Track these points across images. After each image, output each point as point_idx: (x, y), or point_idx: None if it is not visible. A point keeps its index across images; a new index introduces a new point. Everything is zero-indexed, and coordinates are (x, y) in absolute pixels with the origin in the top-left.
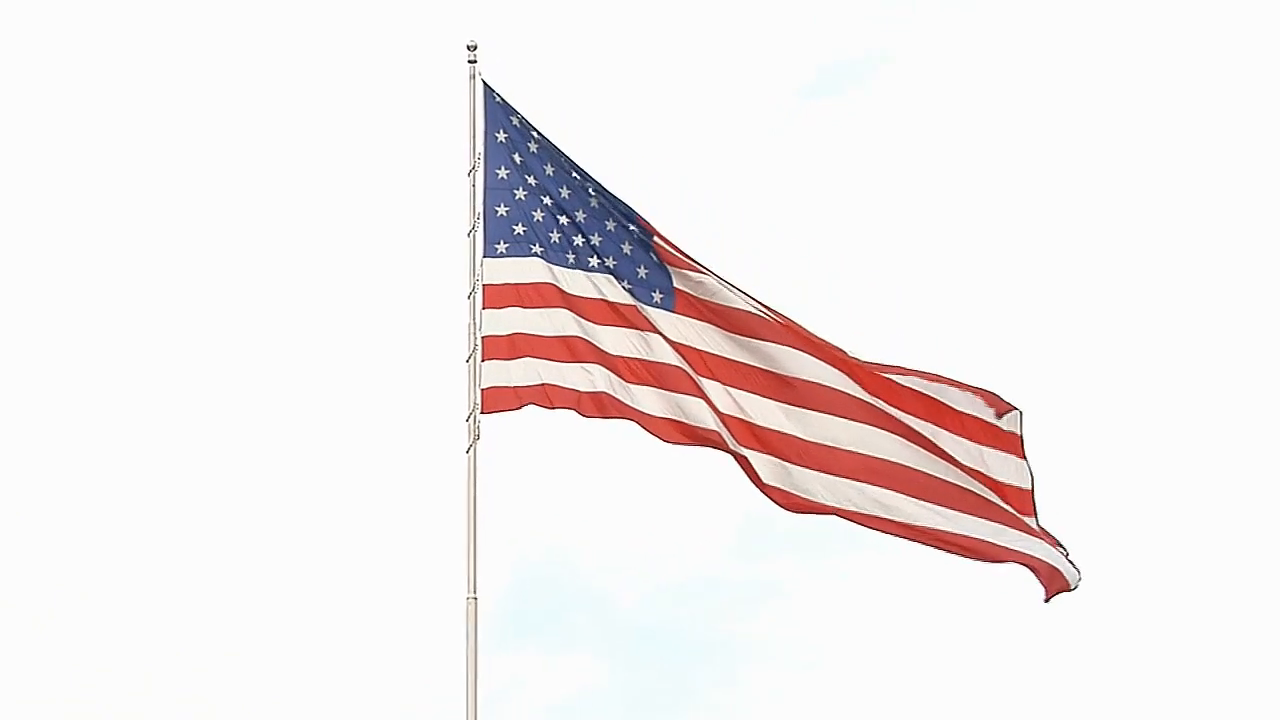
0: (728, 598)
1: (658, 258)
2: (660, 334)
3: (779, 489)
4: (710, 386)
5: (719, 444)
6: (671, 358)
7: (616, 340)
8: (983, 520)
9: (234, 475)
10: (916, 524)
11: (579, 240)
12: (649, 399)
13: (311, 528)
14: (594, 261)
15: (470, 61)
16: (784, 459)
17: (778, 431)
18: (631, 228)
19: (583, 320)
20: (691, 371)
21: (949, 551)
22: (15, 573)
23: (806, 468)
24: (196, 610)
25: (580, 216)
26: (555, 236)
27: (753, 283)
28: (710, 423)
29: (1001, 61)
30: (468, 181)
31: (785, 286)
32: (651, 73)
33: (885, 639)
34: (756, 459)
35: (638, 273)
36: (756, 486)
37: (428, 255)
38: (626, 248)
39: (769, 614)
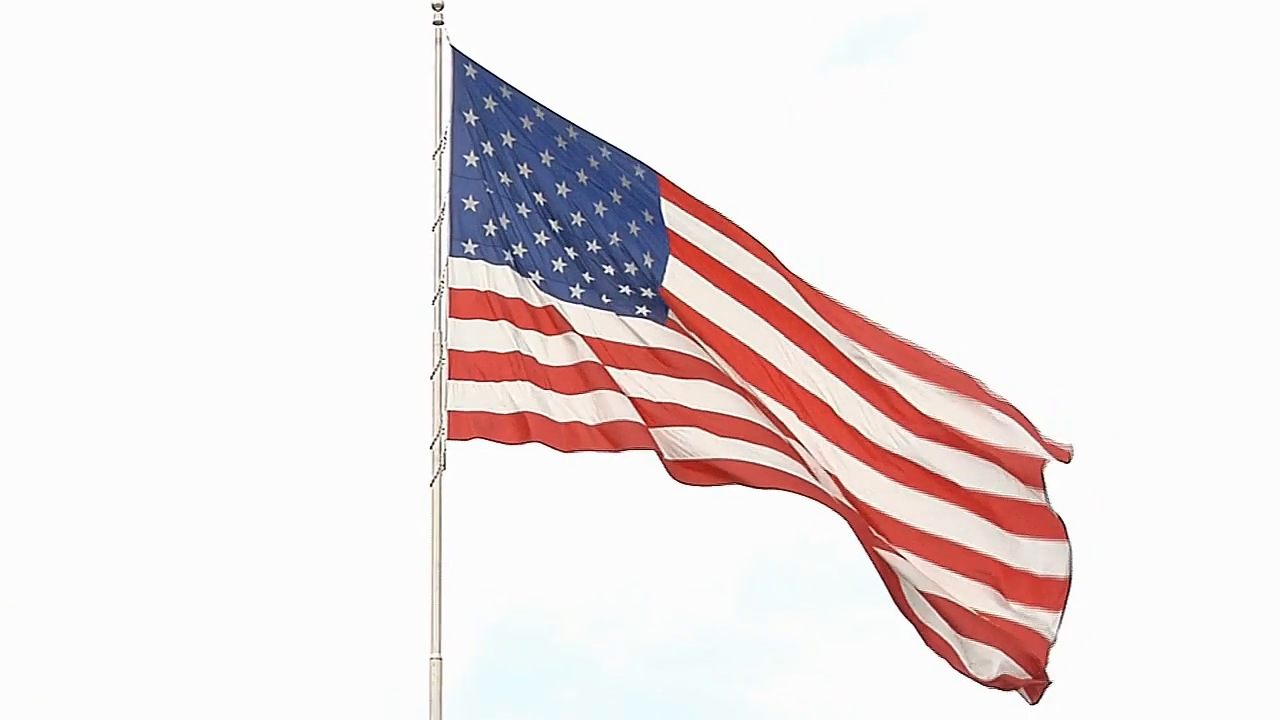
0: (731, 658)
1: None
2: (650, 356)
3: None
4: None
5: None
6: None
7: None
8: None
9: (158, 511)
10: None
11: (556, 263)
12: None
13: (252, 569)
14: (575, 291)
15: (436, 23)
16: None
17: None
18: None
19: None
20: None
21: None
22: None
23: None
24: (129, 677)
25: (556, 227)
26: (520, 250)
27: None
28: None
29: (1039, 26)
30: (432, 165)
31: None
32: (656, 43)
33: (908, 704)
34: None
35: (637, 290)
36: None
37: (390, 249)
38: (646, 257)
39: (777, 677)
